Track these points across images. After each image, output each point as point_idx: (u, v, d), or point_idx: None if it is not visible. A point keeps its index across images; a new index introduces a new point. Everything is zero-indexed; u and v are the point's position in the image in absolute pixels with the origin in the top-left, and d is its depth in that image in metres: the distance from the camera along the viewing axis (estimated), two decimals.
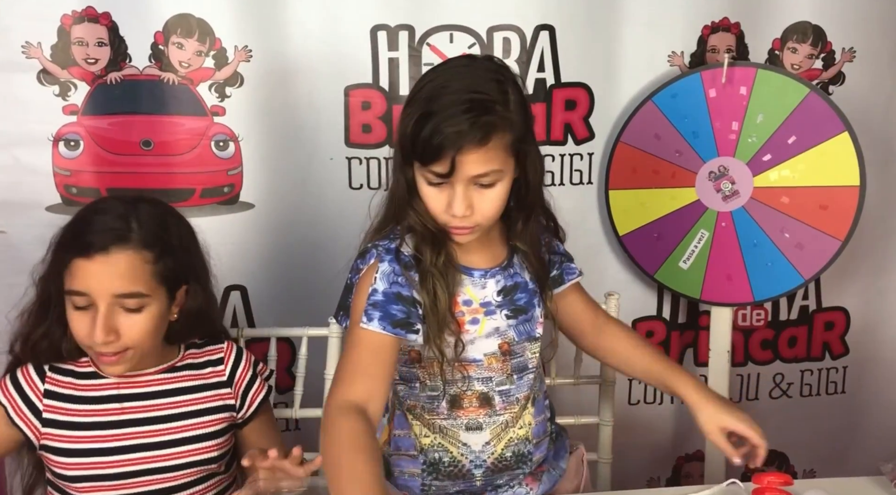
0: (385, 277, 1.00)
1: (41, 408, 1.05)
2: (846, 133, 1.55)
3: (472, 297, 1.06)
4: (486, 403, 1.07)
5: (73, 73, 1.50)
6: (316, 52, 1.56)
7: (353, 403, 0.94)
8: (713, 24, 1.66)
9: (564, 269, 1.17)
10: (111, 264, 0.99)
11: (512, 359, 1.08)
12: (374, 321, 0.98)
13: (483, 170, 0.95)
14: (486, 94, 0.95)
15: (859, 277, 1.80)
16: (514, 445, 1.09)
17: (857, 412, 1.88)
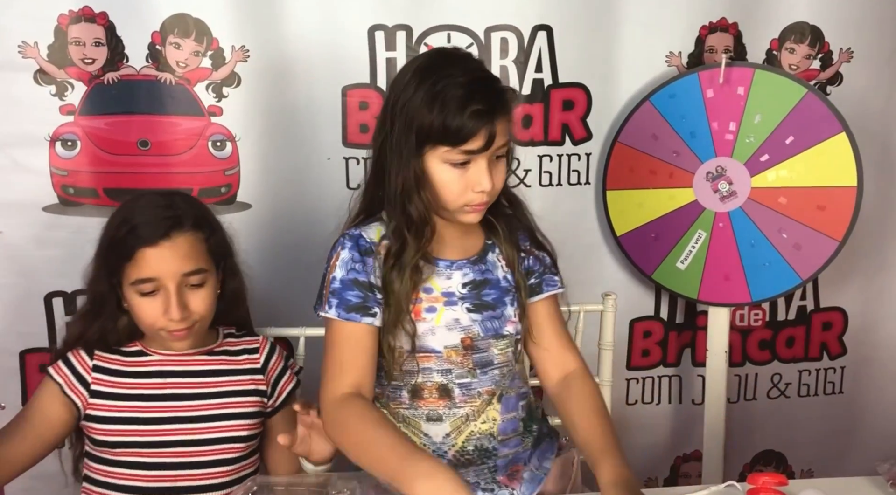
0: (343, 264, 1.07)
1: (90, 381, 1.15)
2: (843, 133, 1.55)
3: (433, 286, 1.08)
4: (445, 395, 1.08)
5: (70, 72, 1.50)
6: (313, 52, 1.56)
7: (346, 393, 1.02)
8: (711, 25, 1.66)
9: (545, 280, 1.16)
10: (175, 247, 1.10)
11: (474, 353, 1.08)
12: (332, 309, 1.05)
13: (505, 139, 1.04)
14: (489, 73, 1.06)
15: (857, 277, 1.81)
16: (475, 439, 1.09)
17: (855, 412, 1.88)
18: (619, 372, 1.77)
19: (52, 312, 1.57)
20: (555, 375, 1.16)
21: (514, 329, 1.12)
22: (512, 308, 1.11)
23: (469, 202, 1.04)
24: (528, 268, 1.15)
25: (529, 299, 1.14)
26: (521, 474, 1.14)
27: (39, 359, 1.59)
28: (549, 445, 1.20)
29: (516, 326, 1.12)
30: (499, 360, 1.11)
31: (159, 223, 1.11)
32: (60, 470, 1.61)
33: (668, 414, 1.85)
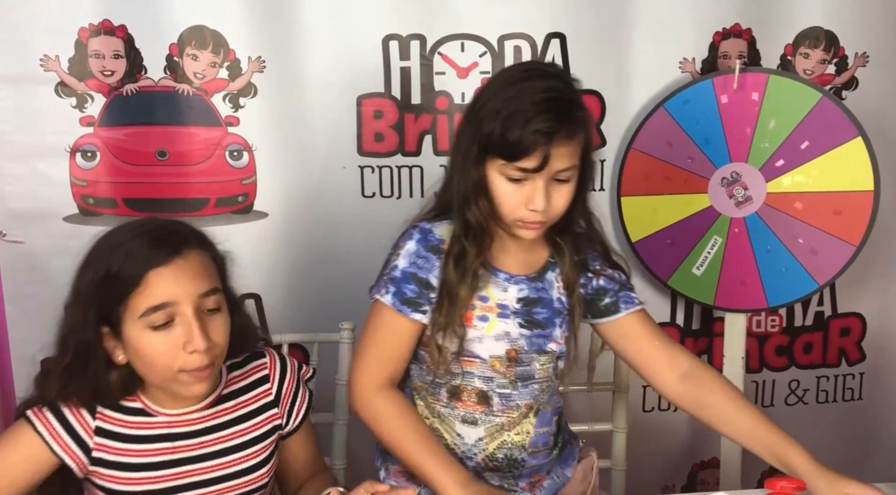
0: (408, 255, 1.06)
1: (91, 446, 0.99)
2: (859, 138, 1.54)
3: (489, 295, 1.08)
4: (483, 401, 1.09)
5: (90, 85, 1.52)
6: (328, 61, 1.57)
7: (382, 384, 1.05)
8: (724, 31, 1.66)
9: (621, 298, 1.14)
10: (189, 264, 0.95)
11: (517, 366, 1.09)
12: (388, 295, 1.06)
13: (567, 164, 1.00)
14: (569, 95, 1.02)
15: (875, 282, 1.79)
16: (506, 448, 1.10)
17: (874, 418, 1.86)
18: (636, 379, 1.75)
19: None
20: (671, 377, 1.13)
21: (557, 348, 1.11)
22: (560, 330, 1.11)
23: (522, 218, 1.03)
24: (597, 287, 1.14)
25: (606, 318, 1.14)
26: (541, 482, 1.15)
27: None
28: (571, 452, 1.21)
29: (560, 347, 1.12)
30: (540, 375, 1.11)
31: (167, 238, 0.96)
32: None
33: (685, 421, 1.84)
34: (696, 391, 1.11)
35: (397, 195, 1.64)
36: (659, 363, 1.13)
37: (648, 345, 1.14)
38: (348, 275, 1.66)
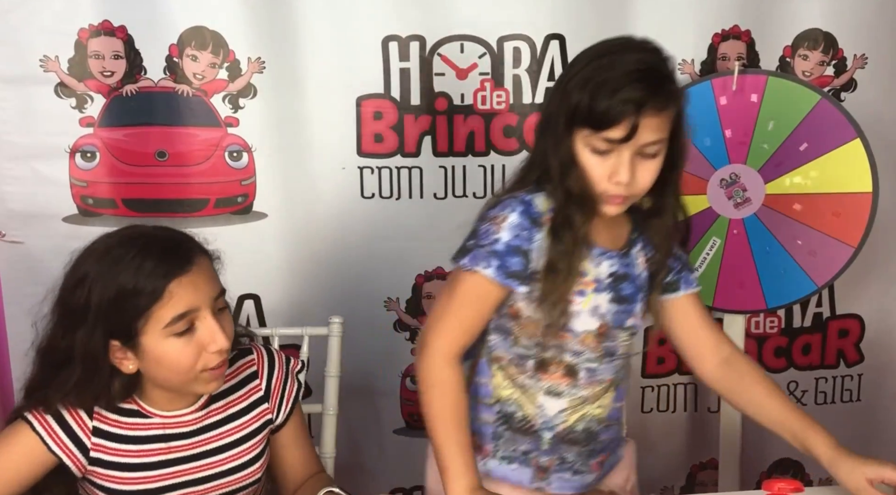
0: (511, 228, 1.03)
1: (89, 446, 1.01)
2: (858, 140, 1.54)
3: (587, 270, 1.07)
4: (570, 374, 1.09)
5: (90, 85, 1.52)
6: (328, 62, 1.57)
7: (455, 354, 1.04)
8: (723, 32, 1.66)
9: (683, 277, 1.15)
10: (202, 270, 0.99)
11: (605, 341, 1.09)
12: (490, 268, 1.02)
13: (654, 137, 0.98)
14: (661, 69, 1.00)
15: (873, 284, 1.79)
16: (586, 421, 1.11)
17: (873, 420, 1.86)
18: (635, 380, 1.77)
19: None
20: (711, 361, 1.16)
21: (636, 323, 1.12)
22: (641, 305, 1.12)
23: (605, 192, 1.01)
24: (674, 258, 1.14)
25: (666, 295, 1.14)
26: (605, 463, 1.17)
27: None
28: (618, 432, 1.21)
29: (637, 322, 1.12)
30: (621, 351, 1.12)
31: (178, 248, 0.99)
32: None
33: (683, 422, 1.84)
34: (732, 377, 1.15)
35: (397, 196, 1.64)
36: (703, 347, 1.16)
37: (698, 329, 1.16)
38: (348, 277, 1.66)
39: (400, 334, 1.71)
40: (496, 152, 1.65)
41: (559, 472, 1.12)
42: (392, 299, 1.69)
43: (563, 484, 1.13)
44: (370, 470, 1.73)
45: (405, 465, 1.75)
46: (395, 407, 1.74)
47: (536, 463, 1.12)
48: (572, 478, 1.13)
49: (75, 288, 0.98)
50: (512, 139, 1.64)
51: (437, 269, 1.69)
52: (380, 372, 1.72)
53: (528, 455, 1.11)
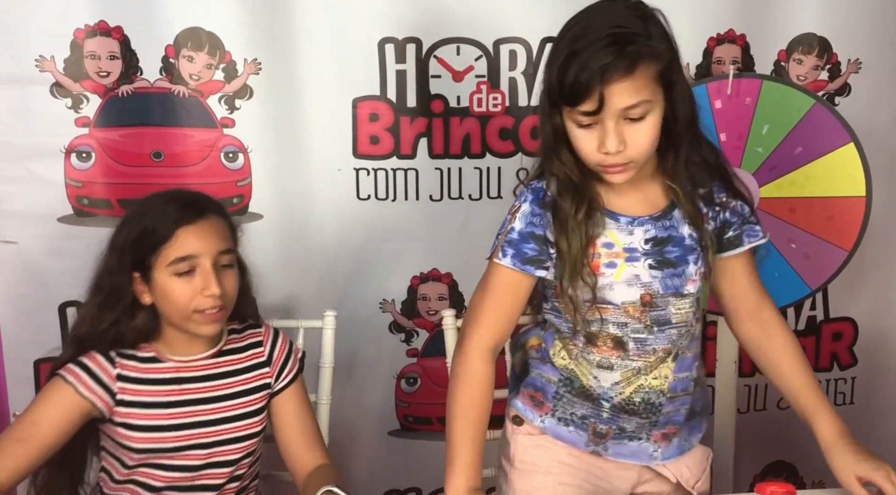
0: (523, 217, 1.07)
1: (115, 390, 1.16)
2: (852, 144, 1.55)
3: (614, 241, 1.06)
4: (619, 346, 1.08)
5: (86, 86, 1.52)
6: (324, 64, 1.58)
7: (490, 348, 1.07)
8: (719, 36, 1.67)
9: (745, 230, 1.11)
10: (211, 225, 1.16)
11: (652, 311, 1.07)
12: (507, 257, 1.06)
13: (632, 101, 0.96)
14: (628, 28, 0.97)
15: (867, 287, 1.80)
16: (644, 392, 1.09)
17: (866, 423, 1.87)
18: None
19: (66, 322, 1.59)
20: (749, 322, 1.16)
21: (694, 288, 1.09)
22: (695, 266, 1.08)
23: (600, 162, 1.00)
24: (724, 221, 1.11)
25: (728, 252, 1.11)
26: (672, 437, 1.13)
27: None
28: (700, 423, 1.18)
29: (697, 285, 1.09)
30: (677, 320, 1.08)
31: (194, 204, 1.17)
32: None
33: None
34: (763, 340, 1.15)
35: (392, 198, 1.64)
36: (747, 304, 1.15)
37: (746, 288, 1.14)
38: (343, 278, 1.66)
39: (395, 336, 1.71)
40: (492, 154, 1.65)
41: (617, 439, 1.11)
42: (387, 301, 1.69)
43: (621, 449, 1.11)
44: (365, 471, 1.73)
45: (400, 467, 1.75)
46: (390, 408, 1.74)
47: (594, 429, 1.11)
48: (629, 445, 1.11)
49: (118, 227, 1.20)
50: (508, 141, 1.65)
51: (432, 271, 1.69)
52: (375, 374, 1.72)
53: (587, 420, 1.11)
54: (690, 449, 1.16)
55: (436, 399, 1.70)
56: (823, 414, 1.09)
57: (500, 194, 1.66)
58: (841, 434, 1.07)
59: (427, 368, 1.72)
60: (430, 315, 1.70)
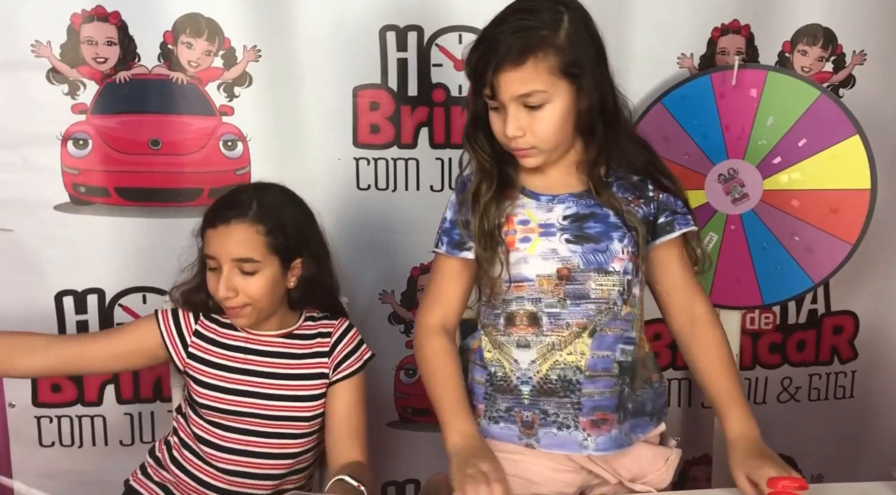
0: (452, 206, 1.18)
1: (189, 343, 1.29)
2: (857, 136, 1.54)
3: (530, 218, 1.12)
4: (534, 323, 1.11)
5: (83, 72, 1.50)
6: (324, 52, 1.56)
7: (435, 325, 1.16)
8: (723, 27, 1.65)
9: (678, 219, 1.15)
10: (229, 234, 1.21)
11: (568, 284, 1.09)
12: (443, 245, 1.17)
13: (523, 90, 1.03)
14: (533, 20, 1.03)
15: (868, 281, 1.79)
16: (559, 368, 1.10)
17: (866, 416, 1.87)
18: None
19: (62, 311, 1.57)
20: (680, 317, 1.17)
21: (621, 267, 1.10)
22: (620, 244, 1.10)
23: (507, 145, 1.08)
24: (656, 208, 1.14)
25: (661, 238, 1.14)
26: (606, 427, 1.11)
27: None
28: (647, 424, 1.17)
29: (624, 264, 1.10)
30: (596, 295, 1.10)
31: (226, 209, 1.23)
32: (69, 469, 1.63)
33: (677, 417, 1.84)
34: (690, 336, 1.16)
35: (393, 188, 1.63)
36: (679, 298, 1.16)
37: (680, 280, 1.16)
38: (342, 268, 1.65)
39: (395, 327, 1.70)
40: None
41: (544, 427, 1.11)
42: (387, 292, 1.68)
43: (551, 440, 1.11)
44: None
45: (398, 459, 1.75)
46: (389, 400, 1.73)
47: (521, 419, 1.12)
48: (559, 434, 1.11)
49: None
50: None
51: (432, 262, 1.68)
52: (374, 365, 1.70)
53: (511, 411, 1.13)
54: (630, 445, 1.14)
55: None
56: (732, 415, 1.10)
57: None
58: (742, 434, 1.09)
59: None
60: None
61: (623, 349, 1.13)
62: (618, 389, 1.12)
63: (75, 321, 1.58)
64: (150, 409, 1.65)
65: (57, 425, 1.62)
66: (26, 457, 1.62)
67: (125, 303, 1.60)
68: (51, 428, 1.61)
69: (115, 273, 1.58)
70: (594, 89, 1.06)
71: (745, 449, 1.07)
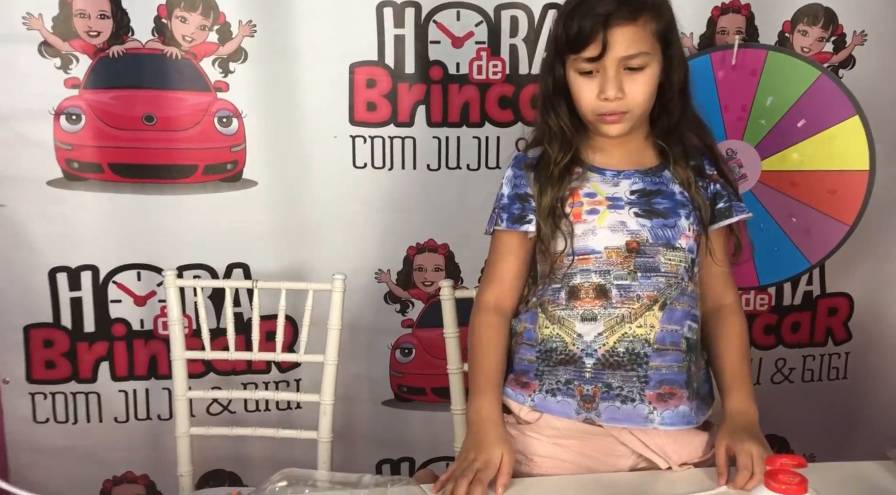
0: (509, 182, 1.15)
1: None
2: (857, 117, 1.53)
3: (597, 191, 1.11)
4: (602, 295, 1.09)
5: (75, 45, 1.48)
6: (321, 28, 1.54)
7: (489, 302, 1.15)
8: (723, 6, 1.64)
9: (734, 206, 1.15)
10: None
11: (638, 257, 1.08)
12: (503, 222, 1.14)
13: (633, 50, 1.03)
14: None
15: (864, 263, 1.79)
16: (627, 341, 1.08)
17: (858, 398, 1.88)
18: None
19: (56, 287, 1.56)
20: (709, 302, 1.18)
21: (687, 243, 1.10)
22: (687, 221, 1.10)
23: (597, 110, 1.06)
24: (715, 191, 1.14)
25: (717, 223, 1.13)
26: (674, 401, 1.09)
27: (43, 334, 1.59)
28: (704, 408, 1.16)
29: (690, 242, 1.10)
30: (666, 269, 1.09)
31: None
32: (63, 445, 1.63)
33: None
34: (716, 321, 1.17)
35: (389, 166, 1.62)
36: (717, 284, 1.17)
37: (721, 264, 1.16)
38: (338, 247, 1.64)
39: (390, 306, 1.70)
40: (491, 123, 1.62)
41: (607, 401, 1.08)
42: (383, 271, 1.68)
43: (614, 414, 1.08)
44: (358, 441, 1.73)
45: (393, 437, 1.75)
46: (385, 378, 1.73)
47: (580, 392, 1.10)
48: (623, 408, 1.08)
49: None
50: (507, 110, 1.62)
51: (428, 241, 1.67)
52: (369, 344, 1.71)
53: (571, 384, 1.10)
54: (697, 424, 1.12)
55: (430, 370, 1.70)
56: (735, 394, 1.11)
57: (498, 164, 1.64)
58: (739, 410, 1.09)
59: (422, 339, 1.71)
60: (425, 285, 1.69)
61: (690, 326, 1.12)
62: (685, 365, 1.11)
63: (69, 298, 1.57)
64: (144, 386, 1.65)
65: (51, 402, 1.61)
66: (20, 434, 1.62)
67: (119, 280, 1.59)
68: (45, 404, 1.61)
69: (108, 249, 1.57)
70: (679, 62, 1.08)
71: (737, 425, 1.07)
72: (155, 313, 1.62)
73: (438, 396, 1.68)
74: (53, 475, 1.63)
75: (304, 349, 1.42)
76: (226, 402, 1.67)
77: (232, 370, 1.66)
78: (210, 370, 1.66)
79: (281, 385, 1.69)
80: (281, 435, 1.44)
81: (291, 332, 1.58)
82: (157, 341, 1.63)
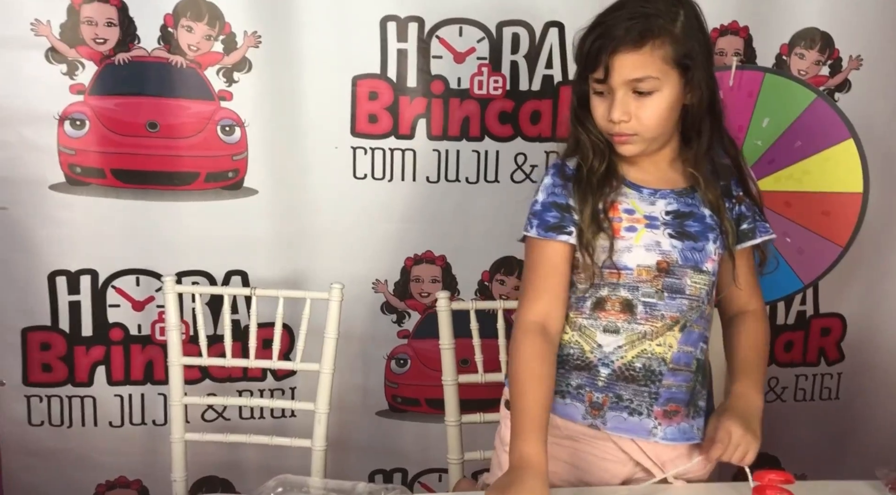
0: (545, 189, 1.12)
1: None
2: (851, 140, 1.55)
3: (635, 208, 1.10)
4: (627, 310, 1.10)
5: (82, 52, 1.50)
6: (325, 40, 1.56)
7: (535, 323, 1.09)
8: (722, 28, 1.66)
9: (759, 226, 1.16)
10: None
11: (667, 277, 1.09)
12: (533, 228, 1.11)
13: (638, 74, 1.03)
14: (651, 8, 1.04)
15: (857, 284, 1.81)
16: (645, 357, 1.09)
17: (850, 418, 1.89)
18: None
19: (55, 291, 1.57)
20: (734, 309, 1.20)
21: (712, 267, 1.12)
22: (713, 245, 1.11)
23: (608, 130, 1.07)
24: (740, 213, 1.15)
25: (742, 244, 1.15)
26: (677, 419, 1.12)
27: (41, 337, 1.59)
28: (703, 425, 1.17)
29: (714, 265, 1.12)
30: (690, 292, 1.11)
31: None
32: (58, 448, 1.63)
33: None
34: (740, 322, 1.19)
35: (389, 178, 1.63)
36: (736, 297, 1.18)
37: (746, 279, 1.18)
38: (336, 257, 1.65)
39: (387, 316, 1.71)
40: (490, 138, 1.64)
41: (615, 411, 1.10)
42: (380, 281, 1.69)
43: (619, 423, 1.10)
44: (351, 450, 1.73)
45: (386, 447, 1.76)
46: (380, 388, 1.74)
47: (590, 399, 1.11)
48: (629, 419, 1.10)
49: None
50: (507, 125, 1.64)
51: (426, 253, 1.69)
52: (365, 354, 1.71)
53: (582, 389, 1.11)
54: (697, 440, 1.14)
55: (425, 380, 1.71)
56: (743, 381, 1.13)
57: (497, 178, 1.66)
58: (741, 394, 1.12)
59: (418, 350, 1.72)
60: (422, 297, 1.70)
61: (702, 347, 1.15)
62: (692, 385, 1.13)
63: (68, 301, 1.58)
64: (140, 391, 1.65)
65: (47, 405, 1.62)
66: (15, 436, 1.62)
67: (118, 285, 1.60)
68: (40, 407, 1.62)
69: (108, 254, 1.58)
70: (703, 84, 1.07)
71: (732, 407, 1.09)
72: (153, 318, 1.63)
73: (433, 407, 1.69)
74: (47, 478, 1.64)
75: (301, 357, 1.43)
76: (221, 409, 1.68)
77: (228, 377, 1.67)
78: (206, 376, 1.67)
79: (276, 393, 1.69)
80: (275, 442, 1.44)
81: (288, 340, 1.59)
82: (155, 346, 1.63)
